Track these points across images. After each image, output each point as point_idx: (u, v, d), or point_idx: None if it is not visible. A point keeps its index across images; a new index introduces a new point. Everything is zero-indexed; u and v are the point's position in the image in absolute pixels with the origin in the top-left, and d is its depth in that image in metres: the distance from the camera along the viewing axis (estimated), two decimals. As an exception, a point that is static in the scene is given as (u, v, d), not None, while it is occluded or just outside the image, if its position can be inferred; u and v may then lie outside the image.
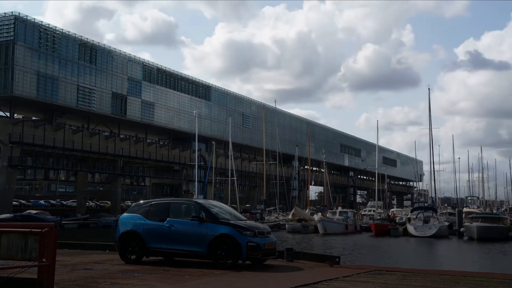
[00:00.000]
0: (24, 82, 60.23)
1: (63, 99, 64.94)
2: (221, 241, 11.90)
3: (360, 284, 9.50)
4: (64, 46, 65.44)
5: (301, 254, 13.87)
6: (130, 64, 75.63)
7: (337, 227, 53.86)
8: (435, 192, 63.91)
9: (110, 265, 12.10)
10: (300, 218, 56.87)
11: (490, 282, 9.91)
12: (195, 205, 12.93)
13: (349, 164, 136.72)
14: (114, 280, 9.60)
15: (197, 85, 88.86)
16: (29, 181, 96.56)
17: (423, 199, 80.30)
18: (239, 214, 14.10)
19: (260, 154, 74.82)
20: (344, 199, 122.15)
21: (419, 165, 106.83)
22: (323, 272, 11.22)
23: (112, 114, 72.10)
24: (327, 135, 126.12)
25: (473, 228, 45.62)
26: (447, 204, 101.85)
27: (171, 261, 12.77)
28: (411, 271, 11.83)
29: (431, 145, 60.32)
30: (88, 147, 66.05)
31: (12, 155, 58.26)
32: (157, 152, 76.91)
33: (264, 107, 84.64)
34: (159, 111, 79.71)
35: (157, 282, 9.50)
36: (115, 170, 72.00)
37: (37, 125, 62.62)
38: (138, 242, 12.72)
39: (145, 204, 13.67)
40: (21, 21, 60.37)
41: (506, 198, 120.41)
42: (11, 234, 6.81)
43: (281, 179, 72.52)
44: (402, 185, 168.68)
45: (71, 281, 9.36)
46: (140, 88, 76.55)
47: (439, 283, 9.77)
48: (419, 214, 53.04)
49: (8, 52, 59.34)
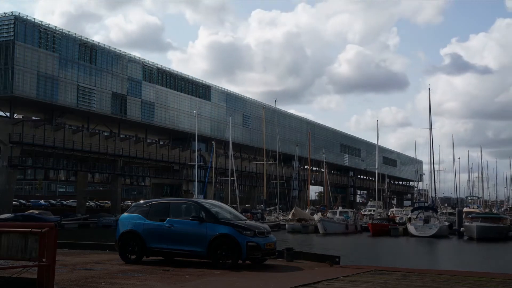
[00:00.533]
0: (24, 82, 60.23)
1: (63, 99, 64.94)
2: (221, 241, 11.89)
3: (360, 284, 9.50)
4: (64, 46, 65.43)
5: (301, 254, 13.86)
6: (130, 64, 75.63)
7: (337, 227, 53.83)
8: (435, 192, 63.98)
9: (110, 265, 12.10)
10: (300, 218, 56.90)
11: (490, 282, 9.91)
12: (195, 205, 12.93)
13: (349, 164, 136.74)
14: (114, 280, 9.60)
15: (197, 85, 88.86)
16: (29, 181, 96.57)
17: (423, 199, 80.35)
18: (239, 214, 14.10)
19: (260, 154, 74.84)
20: (344, 199, 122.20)
21: (419, 165, 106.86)
22: (323, 272, 11.21)
23: (112, 114, 72.09)
24: (327, 135, 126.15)
25: (472, 228, 45.61)
26: (447, 204, 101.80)
27: (171, 261, 12.76)
28: (411, 271, 11.83)
29: (431, 145, 60.44)
30: (88, 147, 66.06)
31: (12, 155, 58.28)
32: (157, 152, 76.93)
33: (264, 107, 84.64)
34: (159, 111, 79.71)
35: (157, 282, 9.50)
36: (115, 170, 72.01)
37: (37, 125, 62.62)
38: (138, 242, 12.71)
39: (145, 204, 13.67)
40: (21, 21, 60.37)
41: (506, 198, 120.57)
42: (11, 234, 6.81)
43: (281, 179, 72.51)
44: (402, 185, 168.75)
45: (71, 281, 9.36)
46: (140, 88, 76.56)
47: (439, 283, 9.77)
48: (420, 214, 53.05)
49: (8, 52, 59.33)
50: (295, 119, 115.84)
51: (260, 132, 78.97)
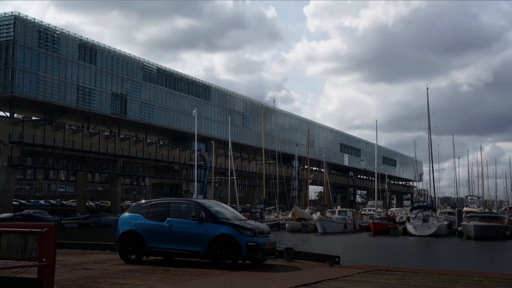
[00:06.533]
0: (24, 82, 60.21)
1: (63, 99, 64.90)
2: (221, 241, 11.89)
3: (360, 284, 9.50)
4: (64, 46, 65.40)
5: (301, 253, 13.87)
6: (130, 64, 75.61)
7: (336, 226, 53.89)
8: (434, 191, 64.00)
9: (110, 265, 12.10)
10: (300, 217, 56.95)
11: (490, 282, 9.91)
12: (195, 204, 12.92)
13: (349, 164, 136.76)
14: (114, 280, 9.60)
15: (197, 85, 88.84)
16: (29, 181, 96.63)
17: (423, 199, 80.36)
18: (239, 214, 14.11)
19: (260, 154, 74.79)
20: (344, 199, 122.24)
21: (419, 165, 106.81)
22: (323, 272, 11.22)
23: (112, 114, 72.07)
24: (327, 135, 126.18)
25: (470, 227, 45.67)
26: (447, 203, 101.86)
27: (171, 261, 12.77)
28: (411, 271, 11.83)
29: (430, 145, 60.48)
30: (88, 147, 66.09)
31: (12, 155, 58.31)
32: (157, 152, 76.96)
33: (264, 106, 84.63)
34: (159, 111, 79.69)
35: (157, 282, 9.50)
36: (115, 170, 72.04)
37: (37, 125, 62.63)
38: (138, 242, 12.71)
39: (145, 204, 13.69)
40: (21, 21, 60.33)
41: (506, 198, 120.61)
42: (11, 234, 6.81)
43: (280, 178, 72.50)
44: (402, 184, 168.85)
45: (71, 281, 9.36)
46: (140, 88, 76.53)
47: (439, 282, 9.78)
48: (418, 213, 53.17)
49: (8, 52, 59.32)
50: (295, 119, 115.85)
51: (260, 132, 78.95)
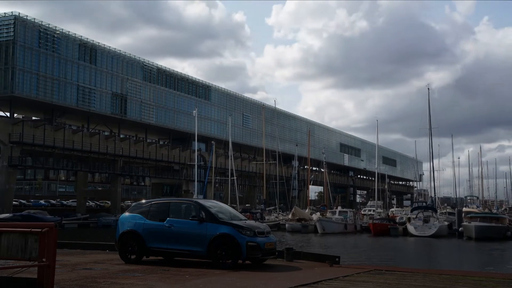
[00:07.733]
0: (24, 82, 60.22)
1: (63, 99, 64.91)
2: (221, 241, 11.89)
3: (360, 284, 9.50)
4: (64, 46, 65.41)
5: (300, 254, 13.86)
6: (130, 64, 75.60)
7: (336, 226, 53.81)
8: (434, 191, 63.99)
9: (110, 265, 12.10)
10: (300, 217, 56.91)
11: (490, 282, 9.92)
12: (195, 204, 12.92)
13: (349, 164, 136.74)
14: (114, 280, 9.60)
15: (197, 85, 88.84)
16: (29, 181, 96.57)
17: (423, 199, 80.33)
18: (239, 214, 14.10)
19: (260, 154, 74.81)
20: (344, 199, 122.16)
21: (419, 165, 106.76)
22: (323, 272, 11.22)
23: (112, 114, 72.07)
24: (327, 135, 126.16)
25: (471, 227, 45.62)
26: (446, 204, 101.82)
27: (171, 261, 12.77)
28: (411, 271, 11.84)
29: (430, 145, 60.46)
30: (88, 147, 66.09)
31: (12, 155, 58.31)
32: (157, 152, 76.95)
33: (264, 107, 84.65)
34: (159, 111, 79.69)
35: (157, 282, 9.50)
36: (115, 170, 72.02)
37: (37, 125, 62.63)
38: (138, 242, 12.72)
39: (145, 204, 13.71)
40: (21, 21, 60.33)
41: (506, 198, 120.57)
42: (11, 234, 6.82)
43: (281, 179, 72.52)
44: (402, 185, 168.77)
45: (71, 281, 9.36)
46: (140, 88, 76.54)
47: (439, 282, 9.78)
48: (419, 213, 53.10)
49: (8, 52, 59.34)
50: (295, 119, 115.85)
51: (260, 132, 78.97)
